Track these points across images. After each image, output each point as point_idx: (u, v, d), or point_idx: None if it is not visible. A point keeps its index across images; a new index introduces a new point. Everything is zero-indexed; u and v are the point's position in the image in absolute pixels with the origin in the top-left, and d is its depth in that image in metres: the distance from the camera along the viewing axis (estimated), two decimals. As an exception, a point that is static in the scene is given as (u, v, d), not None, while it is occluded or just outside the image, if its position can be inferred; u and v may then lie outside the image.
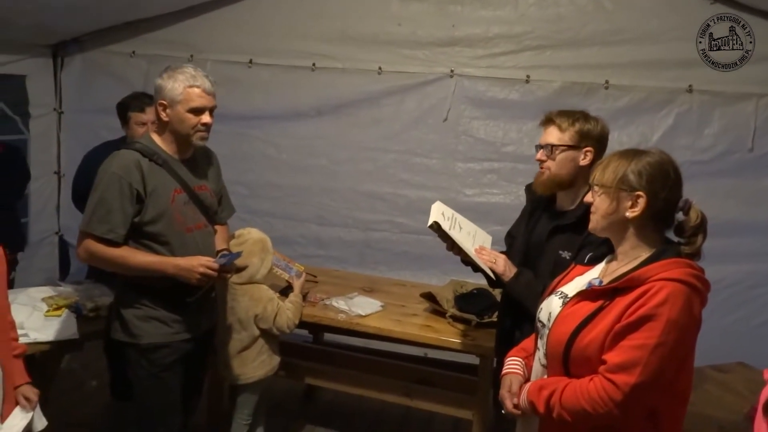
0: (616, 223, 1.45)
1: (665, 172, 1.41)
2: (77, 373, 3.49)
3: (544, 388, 1.44)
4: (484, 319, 2.60)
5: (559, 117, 1.92)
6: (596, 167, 1.51)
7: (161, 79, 2.02)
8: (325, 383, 2.96)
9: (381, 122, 3.67)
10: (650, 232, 1.43)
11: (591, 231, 1.52)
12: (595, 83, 3.33)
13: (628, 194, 1.41)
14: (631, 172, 1.41)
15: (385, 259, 3.74)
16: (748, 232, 3.20)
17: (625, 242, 1.45)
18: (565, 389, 1.39)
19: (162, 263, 1.98)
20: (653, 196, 1.40)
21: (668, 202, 1.41)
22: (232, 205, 2.44)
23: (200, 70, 2.05)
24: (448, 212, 2.06)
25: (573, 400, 1.37)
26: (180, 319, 2.09)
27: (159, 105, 2.03)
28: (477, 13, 3.47)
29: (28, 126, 3.90)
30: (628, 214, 1.41)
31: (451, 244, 2.02)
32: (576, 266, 1.61)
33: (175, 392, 2.12)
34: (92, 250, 1.97)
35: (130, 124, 2.79)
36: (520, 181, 3.40)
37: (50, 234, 4.13)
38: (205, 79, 2.02)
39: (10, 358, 1.80)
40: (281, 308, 2.53)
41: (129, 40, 3.96)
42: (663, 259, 1.37)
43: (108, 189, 1.94)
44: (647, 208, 1.40)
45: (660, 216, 1.42)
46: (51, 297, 2.63)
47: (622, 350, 1.32)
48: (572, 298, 1.48)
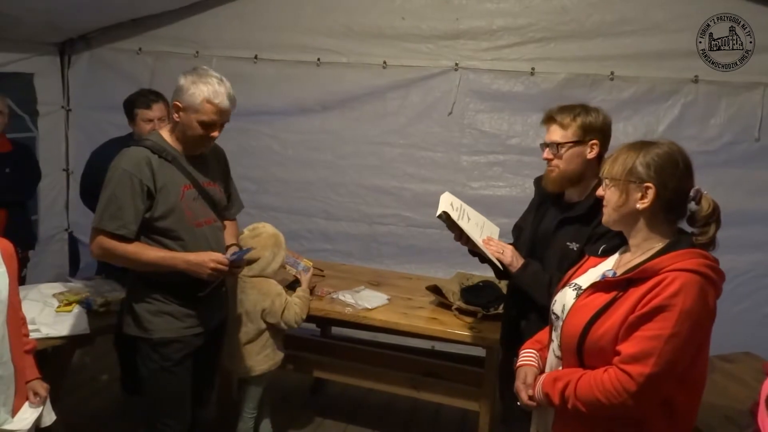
0: (628, 216, 1.45)
1: (674, 163, 1.41)
2: (88, 367, 3.53)
3: (558, 380, 1.45)
4: (490, 312, 2.61)
5: (560, 114, 1.91)
6: (605, 161, 1.51)
7: (185, 79, 1.99)
8: (332, 376, 2.99)
9: (386, 116, 3.68)
10: (662, 223, 1.43)
11: (604, 224, 1.52)
12: (600, 74, 3.32)
13: (637, 186, 1.41)
14: (640, 164, 1.41)
15: (392, 253, 3.75)
16: (755, 221, 3.19)
17: (638, 234, 1.45)
18: (580, 380, 1.40)
19: (173, 258, 2.00)
20: (662, 187, 1.40)
21: (678, 192, 1.41)
22: (241, 201, 2.46)
23: (225, 82, 2.02)
24: (457, 203, 2.06)
25: (587, 391, 1.37)
26: (192, 314, 2.11)
27: (174, 104, 2.02)
28: (481, 6, 3.46)
29: (37, 124, 3.94)
30: (639, 205, 1.42)
31: (459, 234, 2.03)
32: (589, 258, 1.61)
33: (185, 386, 2.15)
34: (105, 247, 1.99)
35: (137, 121, 2.80)
36: (526, 174, 3.41)
37: (60, 231, 4.17)
38: (224, 97, 2.00)
39: (21, 353, 1.83)
40: (289, 303, 2.55)
41: (135, 37, 3.98)
42: (676, 250, 1.37)
43: (119, 186, 1.96)
44: (657, 199, 1.40)
45: (671, 206, 1.42)
46: (61, 293, 2.66)
47: (636, 341, 1.32)
48: (586, 290, 1.48)
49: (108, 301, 2.60)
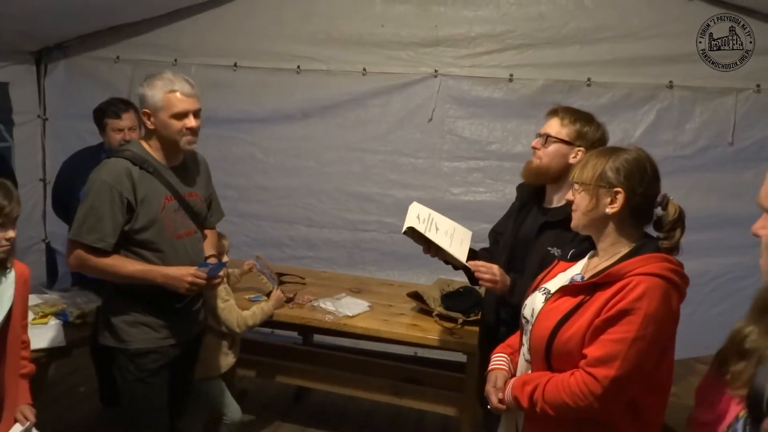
0: (597, 220, 1.47)
1: (642, 168, 1.44)
2: (66, 380, 3.48)
3: (527, 384, 1.46)
4: (471, 317, 2.62)
5: (564, 111, 1.96)
6: (576, 166, 1.54)
7: (142, 87, 2.03)
8: (315, 384, 2.99)
9: (367, 123, 3.68)
10: (629, 228, 1.46)
11: (573, 228, 1.54)
12: (578, 81, 3.36)
13: (606, 191, 1.44)
14: (610, 169, 1.44)
15: (375, 259, 3.75)
16: (730, 224, 3.23)
17: (606, 238, 1.48)
18: (548, 384, 1.42)
19: (151, 272, 1.99)
20: (631, 192, 1.42)
21: (646, 197, 1.44)
22: (222, 209, 2.44)
23: (180, 74, 2.05)
24: (425, 212, 2.07)
25: (555, 394, 1.39)
26: (168, 325, 2.09)
27: (143, 114, 2.03)
28: (459, 13, 3.48)
29: (12, 133, 3.87)
30: (608, 210, 1.44)
31: (428, 247, 2.04)
32: (559, 263, 1.64)
33: (162, 397, 2.13)
34: (82, 259, 1.98)
35: (107, 131, 2.77)
36: (506, 179, 3.43)
37: (37, 241, 4.10)
38: (184, 83, 2.02)
39: (16, 377, 1.81)
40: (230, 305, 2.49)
41: (113, 45, 3.94)
42: (642, 254, 1.40)
43: (98, 197, 1.94)
44: (626, 204, 1.43)
45: (639, 211, 1.45)
46: (37, 305, 2.61)
47: (601, 344, 1.35)
48: (554, 294, 1.50)
49: (84, 312, 2.56)
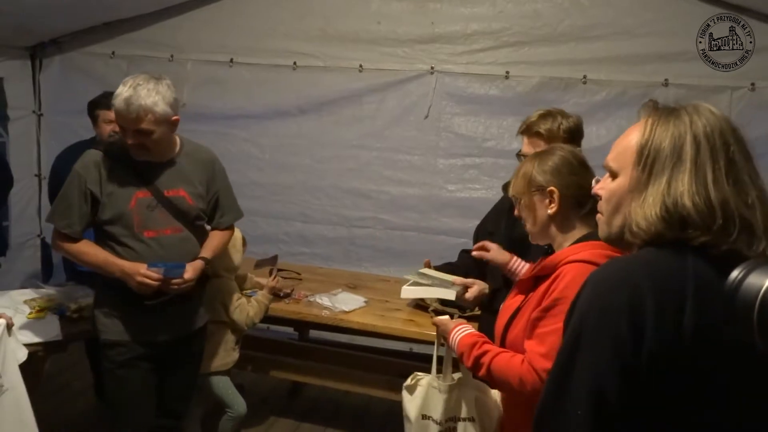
0: (545, 225, 1.49)
1: (568, 163, 1.48)
2: (62, 374, 3.47)
3: (475, 347, 1.49)
4: (466, 313, 2.63)
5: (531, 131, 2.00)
6: (510, 182, 1.58)
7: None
8: (310, 379, 2.99)
9: (363, 120, 3.69)
10: (577, 222, 1.47)
11: (532, 242, 1.56)
12: (573, 78, 3.38)
13: (541, 193, 1.47)
14: (537, 172, 1.48)
15: (370, 256, 3.76)
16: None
17: (557, 239, 1.49)
18: (497, 357, 1.44)
19: (111, 264, 2.00)
20: (564, 187, 1.45)
21: (580, 187, 1.44)
22: (238, 208, 2.38)
23: (144, 86, 1.91)
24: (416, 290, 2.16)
25: (502, 372, 1.42)
26: (138, 321, 2.08)
27: None
28: (456, 10, 3.50)
29: (7, 129, 3.86)
30: (549, 211, 1.47)
31: None
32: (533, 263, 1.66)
33: (134, 391, 2.10)
34: (57, 241, 2.08)
35: (98, 122, 2.79)
36: (502, 176, 3.43)
37: (32, 237, 4.09)
38: (119, 100, 1.89)
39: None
40: (242, 303, 2.51)
41: (108, 40, 3.94)
42: (578, 243, 1.42)
43: (69, 186, 2.02)
44: (562, 200, 1.45)
45: (578, 203, 1.46)
46: (33, 299, 2.61)
47: (537, 337, 1.37)
48: (510, 292, 1.55)
49: (81, 306, 2.56)
